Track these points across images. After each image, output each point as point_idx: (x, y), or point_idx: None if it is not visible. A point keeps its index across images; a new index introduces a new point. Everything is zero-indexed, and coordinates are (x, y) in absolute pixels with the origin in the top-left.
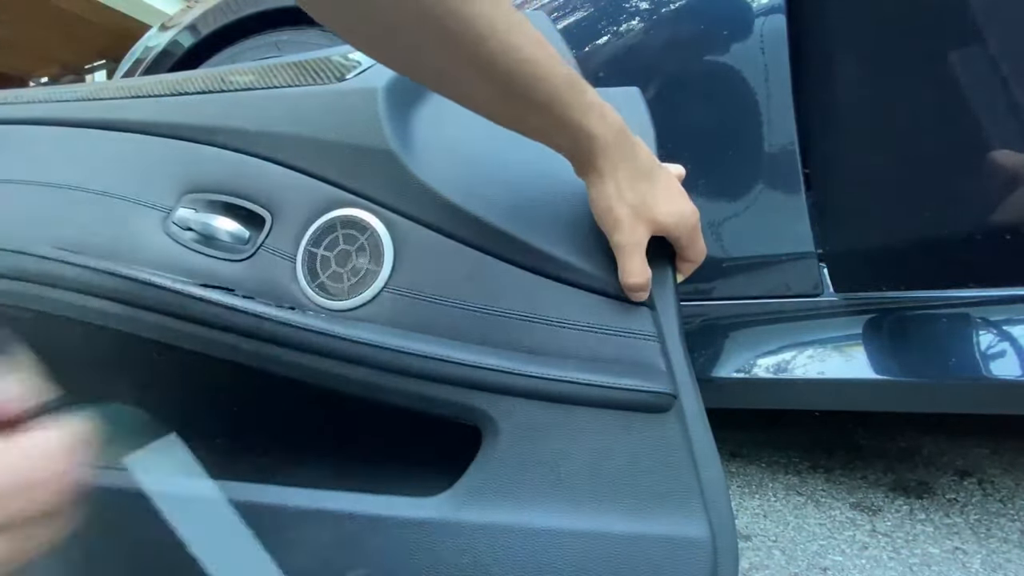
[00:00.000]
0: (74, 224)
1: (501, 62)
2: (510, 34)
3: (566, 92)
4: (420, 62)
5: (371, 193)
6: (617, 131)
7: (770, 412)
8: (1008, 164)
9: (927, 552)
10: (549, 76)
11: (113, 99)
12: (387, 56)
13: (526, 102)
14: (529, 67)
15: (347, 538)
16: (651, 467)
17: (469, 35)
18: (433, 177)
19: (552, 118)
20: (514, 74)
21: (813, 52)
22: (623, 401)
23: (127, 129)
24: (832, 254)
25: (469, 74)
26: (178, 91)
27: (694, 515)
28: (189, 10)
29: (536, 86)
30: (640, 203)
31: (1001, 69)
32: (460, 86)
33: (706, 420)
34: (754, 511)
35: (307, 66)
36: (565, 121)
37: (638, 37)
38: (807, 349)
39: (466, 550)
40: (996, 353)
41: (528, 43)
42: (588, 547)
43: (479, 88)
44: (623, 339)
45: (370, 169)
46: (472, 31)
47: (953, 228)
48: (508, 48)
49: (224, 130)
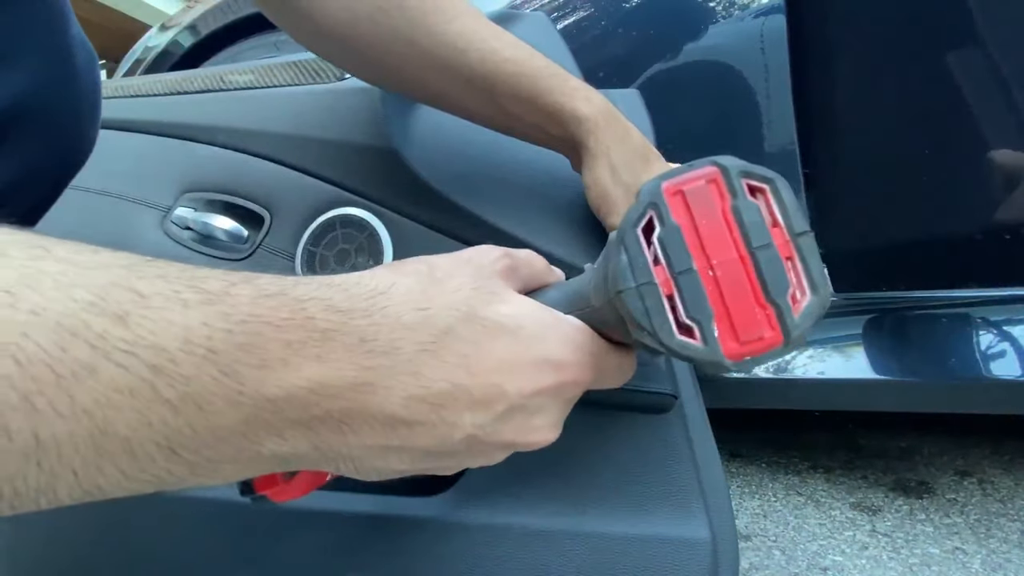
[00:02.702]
0: (72, 222)
1: (483, 68)
2: (488, 41)
3: (549, 80)
4: (410, 81)
5: (370, 192)
6: (606, 112)
7: (770, 412)
8: (1008, 164)
9: (927, 552)
10: (530, 71)
11: (113, 98)
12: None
13: (514, 100)
14: (511, 65)
15: (347, 538)
16: (651, 467)
17: (453, 51)
18: (432, 176)
19: (540, 110)
20: (497, 75)
21: (813, 52)
22: (623, 401)
23: (126, 128)
24: (832, 254)
25: (457, 86)
26: (178, 90)
27: (694, 515)
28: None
29: (520, 82)
30: (635, 183)
31: (1001, 69)
32: (450, 98)
33: (706, 420)
34: (754, 511)
35: (307, 66)
36: (553, 109)
37: (638, 37)
38: (807, 349)
39: (466, 550)
40: (996, 353)
41: (506, 46)
42: (588, 548)
43: (469, 97)
44: None
45: (369, 168)
46: (455, 47)
47: (953, 228)
48: (488, 53)
49: (223, 129)
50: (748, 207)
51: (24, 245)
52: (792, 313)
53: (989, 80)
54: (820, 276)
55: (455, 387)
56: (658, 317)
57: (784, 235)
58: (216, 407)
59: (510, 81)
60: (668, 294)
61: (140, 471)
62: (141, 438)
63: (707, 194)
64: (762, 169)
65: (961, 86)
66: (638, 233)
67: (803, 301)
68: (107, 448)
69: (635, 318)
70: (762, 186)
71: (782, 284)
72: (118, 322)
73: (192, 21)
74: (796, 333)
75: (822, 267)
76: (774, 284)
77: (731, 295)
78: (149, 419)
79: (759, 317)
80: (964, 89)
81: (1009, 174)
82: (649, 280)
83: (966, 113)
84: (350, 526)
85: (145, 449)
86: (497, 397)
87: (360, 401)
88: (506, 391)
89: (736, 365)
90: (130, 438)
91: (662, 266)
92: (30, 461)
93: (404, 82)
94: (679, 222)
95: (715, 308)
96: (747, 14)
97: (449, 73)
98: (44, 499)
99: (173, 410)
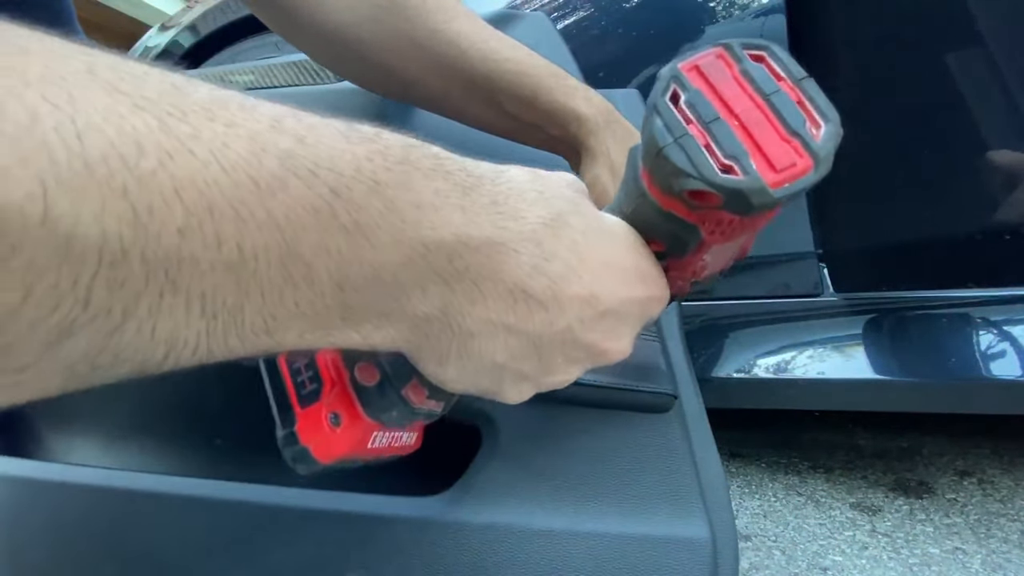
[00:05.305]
0: None
1: (483, 67)
2: (488, 42)
3: (548, 79)
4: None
5: None
6: (606, 112)
7: (770, 412)
8: (1008, 164)
9: (927, 552)
10: (529, 70)
11: None
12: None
13: (514, 100)
14: (511, 65)
15: (347, 538)
16: (651, 467)
17: (454, 50)
18: None
19: (540, 109)
20: (498, 75)
21: (813, 52)
22: (623, 401)
23: None
24: (832, 254)
25: (458, 87)
26: None
27: (694, 515)
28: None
29: (520, 81)
30: None
31: (1001, 69)
32: (451, 101)
33: (706, 420)
34: (754, 511)
35: (307, 66)
36: (553, 108)
37: (638, 37)
38: (807, 349)
39: (465, 550)
40: (996, 353)
41: (505, 47)
42: (588, 547)
43: (470, 98)
44: None
45: None
46: (456, 46)
47: (953, 228)
48: (489, 52)
49: None
50: (754, 67)
51: (205, 78)
52: (814, 139)
53: (989, 80)
54: (829, 108)
55: (568, 270)
56: (700, 159)
57: (789, 83)
58: (381, 242)
59: (510, 81)
60: (704, 144)
61: (308, 306)
62: (319, 266)
63: (718, 64)
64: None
65: (961, 86)
66: (667, 100)
67: (821, 130)
68: (291, 271)
69: (680, 167)
70: (761, 53)
71: (799, 119)
72: (299, 143)
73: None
74: (823, 154)
75: (828, 101)
76: (792, 120)
77: (758, 135)
78: (327, 245)
79: (787, 148)
80: (964, 89)
81: (1009, 174)
82: (685, 132)
83: (966, 113)
84: (350, 526)
85: (320, 279)
86: (598, 294)
87: (496, 260)
88: (606, 290)
89: (779, 193)
90: (311, 264)
91: (694, 123)
92: (230, 275)
93: (406, 85)
94: (699, 87)
95: (748, 147)
96: (747, 14)
97: (450, 73)
98: (220, 336)
99: (347, 238)
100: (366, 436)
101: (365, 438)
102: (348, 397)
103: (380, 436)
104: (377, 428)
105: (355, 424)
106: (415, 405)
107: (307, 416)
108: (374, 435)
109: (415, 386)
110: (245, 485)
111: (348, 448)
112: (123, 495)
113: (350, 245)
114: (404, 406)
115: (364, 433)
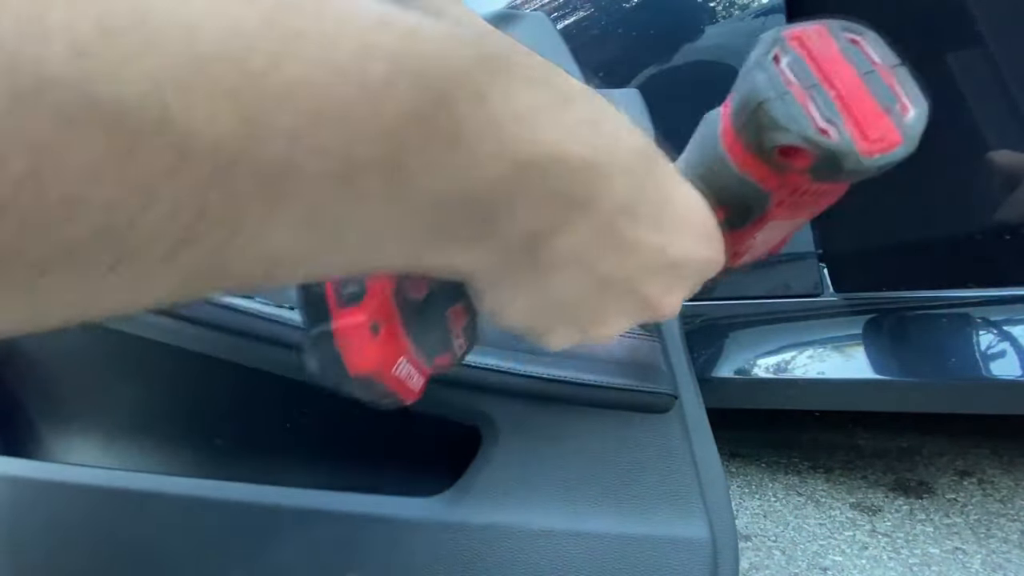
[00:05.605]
0: None
1: None
2: None
3: None
4: None
5: None
6: None
7: (770, 412)
8: (1008, 164)
9: (927, 552)
10: None
11: None
12: None
13: None
14: None
15: (347, 538)
16: (651, 467)
17: None
18: None
19: None
20: None
21: None
22: (623, 401)
23: None
24: (832, 254)
25: None
26: None
27: (694, 515)
28: None
29: None
30: None
31: (1001, 69)
32: None
33: (706, 420)
34: (754, 511)
35: None
36: None
37: (638, 37)
38: (807, 349)
39: (465, 550)
40: (996, 353)
41: None
42: (588, 547)
43: None
44: (623, 339)
45: None
46: None
47: (953, 228)
48: None
49: None
50: (852, 48)
51: None
52: (905, 118)
53: (989, 80)
54: (918, 95)
55: (654, 211)
56: (800, 116)
57: (883, 67)
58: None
59: None
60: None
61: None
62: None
63: (818, 38)
64: (856, 24)
65: (961, 86)
66: (770, 59)
67: (910, 112)
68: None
69: (780, 122)
70: (858, 37)
71: (891, 99)
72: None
73: None
74: (912, 133)
75: (918, 89)
76: (885, 99)
77: (854, 106)
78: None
79: (880, 123)
80: (964, 89)
81: (1009, 174)
82: (787, 91)
83: (966, 113)
84: (350, 526)
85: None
86: (671, 244)
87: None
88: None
89: (868, 162)
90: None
91: (795, 84)
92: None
93: None
94: (801, 54)
95: (844, 115)
96: (747, 14)
97: None
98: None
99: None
100: (395, 356)
101: (393, 359)
102: (390, 309)
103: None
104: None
105: (391, 338)
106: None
107: (346, 316)
108: (400, 361)
109: (459, 311)
110: (245, 485)
111: (378, 362)
112: (123, 495)
113: (451, 158)
114: (442, 331)
115: (395, 352)
